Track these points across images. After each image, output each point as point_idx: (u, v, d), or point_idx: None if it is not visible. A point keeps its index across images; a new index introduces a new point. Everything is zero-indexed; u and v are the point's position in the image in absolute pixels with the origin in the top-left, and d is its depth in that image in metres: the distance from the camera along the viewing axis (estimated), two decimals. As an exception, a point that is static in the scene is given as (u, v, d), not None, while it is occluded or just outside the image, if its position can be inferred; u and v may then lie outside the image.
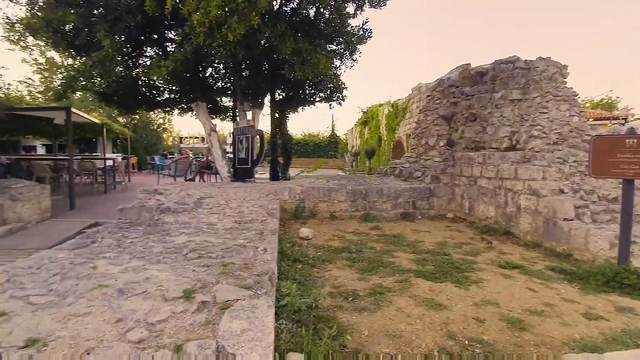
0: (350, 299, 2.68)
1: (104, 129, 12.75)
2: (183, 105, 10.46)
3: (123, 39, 7.26)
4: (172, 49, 8.09)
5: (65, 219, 6.29)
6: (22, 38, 8.07)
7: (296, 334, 1.93)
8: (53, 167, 9.95)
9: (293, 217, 5.95)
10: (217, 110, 11.20)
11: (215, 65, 9.52)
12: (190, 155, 20.32)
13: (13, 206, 5.45)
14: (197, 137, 35.22)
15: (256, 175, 8.93)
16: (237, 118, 9.18)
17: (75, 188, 8.03)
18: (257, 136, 8.23)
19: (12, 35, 7.92)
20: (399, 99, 14.36)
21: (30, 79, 21.57)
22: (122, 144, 18.31)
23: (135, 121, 23.71)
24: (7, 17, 7.47)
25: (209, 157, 10.77)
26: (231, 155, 9.65)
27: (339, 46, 8.86)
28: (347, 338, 2.05)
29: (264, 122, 56.26)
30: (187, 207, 4.73)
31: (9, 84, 16.97)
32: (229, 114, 11.29)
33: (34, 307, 1.79)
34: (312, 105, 10.61)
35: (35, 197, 5.93)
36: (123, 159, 14.84)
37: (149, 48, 8.71)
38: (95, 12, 7.25)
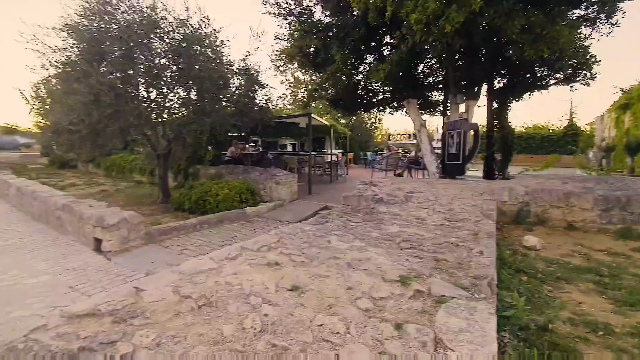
0: (601, 333, 2.06)
1: (331, 130, 15.38)
2: (394, 104, 11.07)
3: (348, 51, 8.44)
4: (388, 52, 8.69)
5: (306, 201, 8.08)
6: (283, 64, 10.91)
7: (523, 354, 1.68)
8: (298, 161, 12.94)
9: (513, 221, 5.15)
10: (426, 106, 11.16)
11: (427, 60, 9.48)
12: (400, 151, 21.29)
13: (277, 188, 7.52)
14: (403, 134, 36.40)
15: (466, 173, 8.32)
16: (448, 112, 8.80)
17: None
18: (471, 130, 7.61)
19: (277, 63, 10.85)
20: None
21: (284, 94, 28.84)
22: (342, 142, 21.46)
23: (352, 121, 27.26)
24: (275, 51, 10.27)
25: (418, 153, 10.93)
26: (439, 152, 9.40)
27: (589, 8, 6.83)
28: (598, 382, 1.60)
29: (478, 114, 51.23)
30: (397, 199, 5.01)
31: (275, 100, 23.47)
32: (438, 108, 11.02)
33: (294, 263, 2.41)
34: (543, 90, 8.74)
35: (289, 182, 7.93)
36: (343, 154, 17.38)
37: (367, 55, 9.71)
38: (329, 34, 8.78)
